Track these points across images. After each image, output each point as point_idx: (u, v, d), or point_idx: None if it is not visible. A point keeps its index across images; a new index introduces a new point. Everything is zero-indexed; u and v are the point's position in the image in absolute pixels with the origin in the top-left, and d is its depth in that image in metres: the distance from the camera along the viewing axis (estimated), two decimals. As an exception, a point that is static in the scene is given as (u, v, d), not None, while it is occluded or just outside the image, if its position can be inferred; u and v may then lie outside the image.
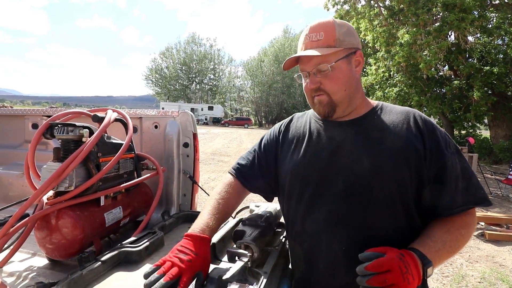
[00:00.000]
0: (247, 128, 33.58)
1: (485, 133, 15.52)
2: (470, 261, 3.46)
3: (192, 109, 36.61)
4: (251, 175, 1.02)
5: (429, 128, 0.83)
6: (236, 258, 0.83)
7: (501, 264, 3.42)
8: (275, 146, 1.02)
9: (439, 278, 3.05)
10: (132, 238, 1.09)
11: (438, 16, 10.45)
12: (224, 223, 1.07)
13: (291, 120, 1.06)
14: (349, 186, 0.81)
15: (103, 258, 0.94)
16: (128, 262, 1.00)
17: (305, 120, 1.01)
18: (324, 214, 0.84)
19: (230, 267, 0.77)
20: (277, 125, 1.08)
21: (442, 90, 12.62)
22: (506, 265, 3.39)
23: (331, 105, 0.87)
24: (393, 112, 0.89)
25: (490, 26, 10.35)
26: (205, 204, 0.95)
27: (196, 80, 48.34)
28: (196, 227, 0.84)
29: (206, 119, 37.90)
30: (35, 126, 2.00)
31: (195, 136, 1.74)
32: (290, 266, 1.03)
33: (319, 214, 0.85)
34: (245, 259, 0.81)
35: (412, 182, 0.78)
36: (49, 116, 1.82)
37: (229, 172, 1.05)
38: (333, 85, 0.85)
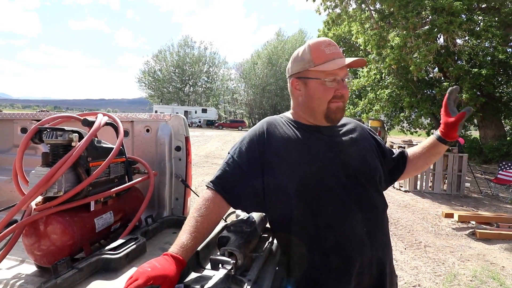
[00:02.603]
0: (241, 130, 33.54)
1: (475, 133, 15.81)
2: (461, 260, 3.51)
3: (186, 112, 36.40)
4: (233, 186, 0.95)
5: (368, 128, 1.17)
6: (220, 265, 0.80)
7: (492, 262, 3.48)
8: (261, 152, 0.98)
9: (432, 277, 3.08)
10: (112, 245, 1.03)
11: (427, 20, 10.65)
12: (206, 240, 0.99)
13: (268, 127, 1.03)
14: (352, 177, 0.96)
15: (80, 266, 0.89)
16: (107, 269, 0.94)
17: (286, 126, 1.03)
18: (341, 203, 0.93)
19: (213, 275, 0.75)
20: (253, 133, 1.02)
21: (433, 91, 12.81)
22: (496, 263, 3.45)
23: (344, 111, 1.02)
24: (343, 121, 1.10)
25: (478, 29, 10.58)
26: (185, 222, 0.90)
27: (190, 83, 48.10)
28: (171, 249, 0.81)
29: (200, 122, 37.72)
30: (24, 130, 1.96)
31: (187, 139, 1.74)
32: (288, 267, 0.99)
33: (335, 205, 0.93)
34: (229, 267, 0.78)
35: (379, 164, 1.07)
36: (38, 120, 1.79)
37: (207, 186, 0.97)
38: (348, 94, 1.02)
